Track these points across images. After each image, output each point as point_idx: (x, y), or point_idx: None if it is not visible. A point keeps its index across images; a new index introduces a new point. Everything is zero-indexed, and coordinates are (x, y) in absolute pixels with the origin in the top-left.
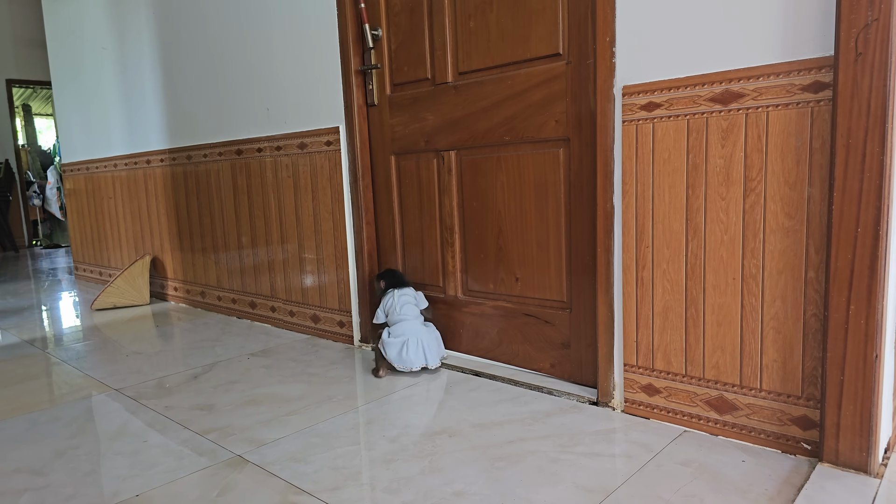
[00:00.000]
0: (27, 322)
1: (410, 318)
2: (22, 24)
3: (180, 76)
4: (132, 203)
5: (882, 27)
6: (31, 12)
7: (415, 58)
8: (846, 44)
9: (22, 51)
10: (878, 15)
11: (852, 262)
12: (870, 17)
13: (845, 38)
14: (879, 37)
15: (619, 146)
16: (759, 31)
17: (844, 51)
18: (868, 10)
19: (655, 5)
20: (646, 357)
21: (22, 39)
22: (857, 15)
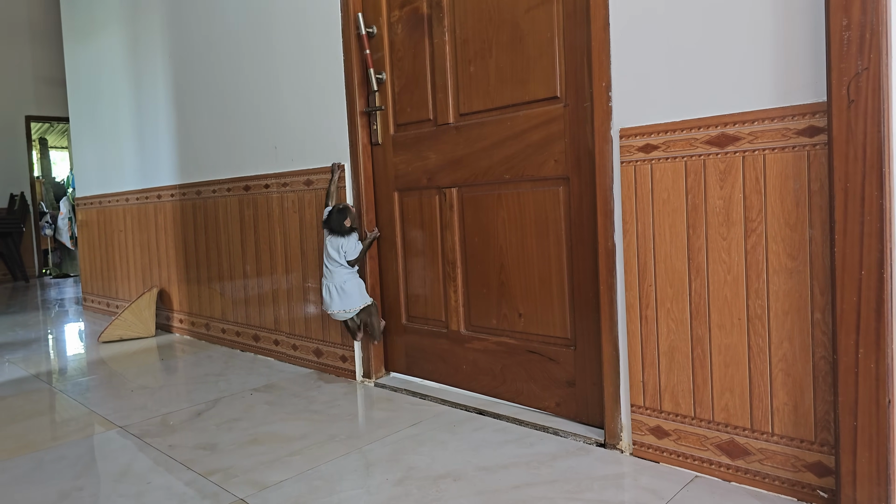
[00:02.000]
0: (35, 355)
1: (331, 266)
2: (43, 64)
3: (192, 115)
4: (142, 236)
5: (873, 76)
6: (51, 53)
7: (417, 100)
8: (838, 91)
9: (42, 89)
10: (868, 64)
11: (858, 304)
12: (860, 67)
13: (837, 85)
14: (871, 85)
15: (619, 186)
16: (752, 77)
17: (837, 98)
18: (858, 59)
19: (650, 52)
20: (653, 398)
21: (42, 78)
22: (848, 64)
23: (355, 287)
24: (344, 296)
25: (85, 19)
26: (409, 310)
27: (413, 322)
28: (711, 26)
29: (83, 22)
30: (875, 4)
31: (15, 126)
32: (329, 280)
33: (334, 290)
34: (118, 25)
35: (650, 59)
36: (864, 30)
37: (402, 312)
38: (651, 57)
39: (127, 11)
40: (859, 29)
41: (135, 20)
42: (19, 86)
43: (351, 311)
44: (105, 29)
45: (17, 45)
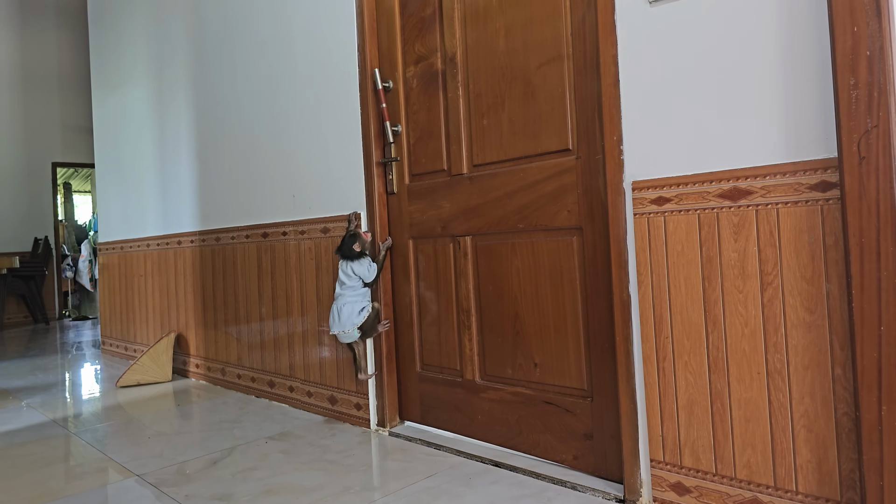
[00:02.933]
0: (53, 399)
1: (339, 289)
2: (70, 112)
3: (214, 164)
4: (161, 280)
5: (882, 133)
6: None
7: (432, 151)
8: (849, 148)
9: (68, 136)
10: (878, 122)
11: (879, 360)
12: (869, 124)
13: (847, 142)
14: (881, 142)
15: (632, 237)
16: (763, 132)
17: (847, 154)
18: (867, 117)
19: (661, 107)
20: (673, 453)
21: (69, 126)
22: (857, 122)
23: (347, 311)
24: (341, 317)
25: (113, 71)
26: (424, 358)
27: (428, 370)
28: (722, 82)
29: (112, 73)
30: (882, 64)
31: (41, 172)
32: (335, 302)
33: (336, 311)
34: (145, 78)
35: (661, 114)
36: (872, 88)
37: (416, 360)
38: (662, 111)
39: (153, 65)
40: (867, 88)
41: (161, 73)
42: (47, 133)
43: (343, 333)
44: (132, 81)
45: (46, 94)
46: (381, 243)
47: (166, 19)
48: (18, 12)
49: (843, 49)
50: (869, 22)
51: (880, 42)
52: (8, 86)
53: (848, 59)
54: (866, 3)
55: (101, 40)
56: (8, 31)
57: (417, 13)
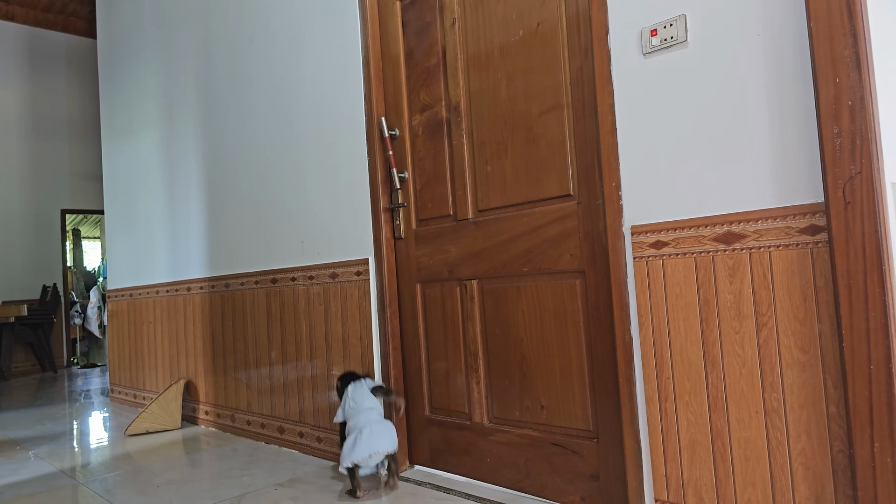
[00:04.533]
0: (61, 449)
1: (364, 407)
2: (78, 160)
3: (223, 211)
4: (170, 327)
5: (866, 179)
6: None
7: (438, 197)
8: (834, 193)
9: (77, 183)
10: (861, 168)
11: (870, 399)
12: (853, 171)
13: (833, 188)
14: (864, 187)
15: (633, 280)
16: (754, 177)
17: (833, 200)
18: (850, 164)
19: (657, 154)
20: (676, 492)
21: (78, 173)
22: (841, 168)
23: (387, 430)
24: (381, 438)
25: (123, 119)
26: (433, 401)
27: (436, 414)
28: (714, 130)
29: (121, 122)
30: (863, 113)
31: (51, 219)
32: (358, 426)
33: (368, 434)
34: (154, 126)
35: (658, 161)
36: (855, 137)
37: (425, 404)
38: (658, 159)
39: (162, 113)
40: (850, 136)
41: (170, 122)
42: (56, 180)
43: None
44: (142, 129)
45: (55, 141)
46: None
47: (176, 69)
48: (28, 60)
49: (826, 99)
50: (850, 73)
51: (861, 92)
52: (18, 133)
53: (831, 109)
54: (847, 55)
55: (111, 89)
56: (18, 79)
57: (422, 63)
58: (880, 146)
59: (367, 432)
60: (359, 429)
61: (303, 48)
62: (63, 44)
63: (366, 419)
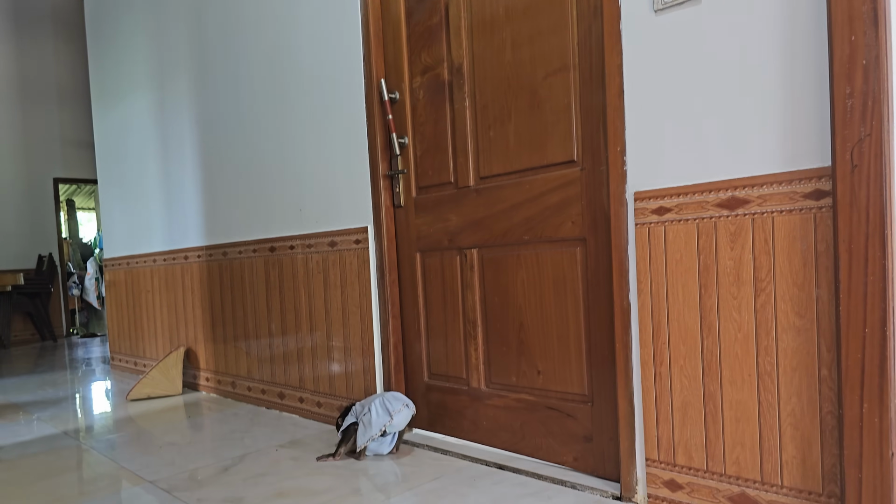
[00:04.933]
0: (63, 413)
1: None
2: (70, 127)
3: (219, 178)
4: (169, 296)
5: (875, 141)
6: (78, 116)
7: (438, 163)
8: (842, 156)
9: (69, 151)
10: (871, 130)
11: (862, 361)
12: (862, 133)
13: (841, 151)
14: (873, 150)
15: (633, 247)
16: (761, 143)
17: (841, 163)
18: (860, 125)
19: (663, 118)
20: (667, 452)
21: (70, 141)
22: (851, 130)
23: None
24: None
25: (113, 83)
26: (431, 367)
27: (435, 379)
28: (722, 94)
29: (111, 85)
30: (877, 73)
31: (43, 188)
32: (366, 404)
33: (378, 405)
34: (145, 89)
35: (664, 125)
36: (867, 97)
37: (424, 370)
38: (664, 123)
39: (154, 75)
40: (862, 97)
41: (162, 84)
42: (47, 148)
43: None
44: (133, 93)
45: (45, 108)
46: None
47: (167, 28)
48: (13, 22)
49: (840, 58)
50: (866, 31)
51: (876, 51)
52: (5, 99)
53: (845, 69)
54: (864, 11)
55: (100, 50)
56: (3, 41)
57: (424, 22)
58: (892, 108)
59: (378, 404)
60: (368, 404)
61: (299, 5)
62: (49, 2)
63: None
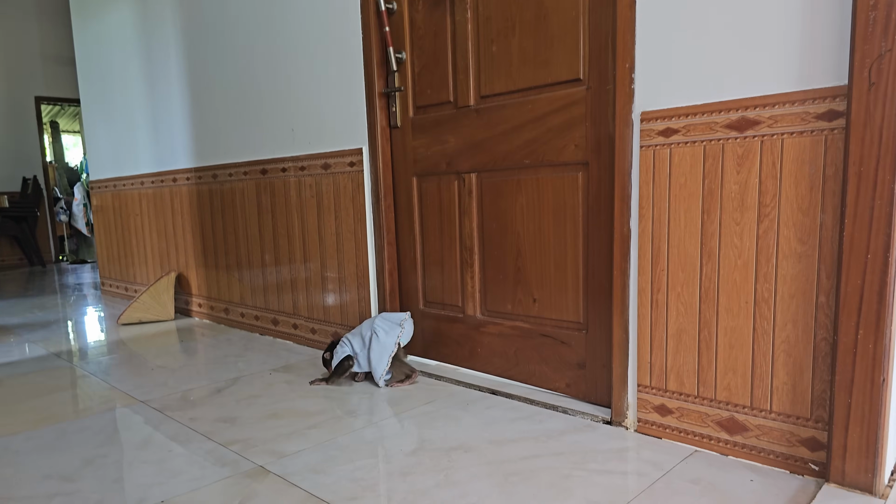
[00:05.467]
0: (54, 335)
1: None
2: (51, 42)
3: (207, 95)
4: (158, 220)
5: (895, 57)
6: (59, 29)
7: (437, 81)
8: (860, 73)
9: (50, 68)
10: (892, 45)
11: (862, 287)
12: (883, 48)
13: (859, 67)
14: (892, 67)
15: (637, 171)
16: (776, 60)
17: (858, 80)
18: (882, 40)
19: (675, 33)
20: (659, 378)
21: (50, 56)
22: (871, 45)
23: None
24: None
25: None
26: (427, 295)
27: (430, 307)
28: (738, 7)
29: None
30: None
31: (24, 107)
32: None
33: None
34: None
35: (675, 40)
36: (891, 10)
37: (419, 298)
38: (676, 37)
39: None
40: (885, 9)
41: None
42: (27, 65)
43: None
44: (114, 3)
45: (22, 21)
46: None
47: None
48: None
49: None
50: None
51: None
52: None
53: None
54: None
55: None
56: None
57: None
58: None
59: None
60: (371, 332)
61: None
62: None
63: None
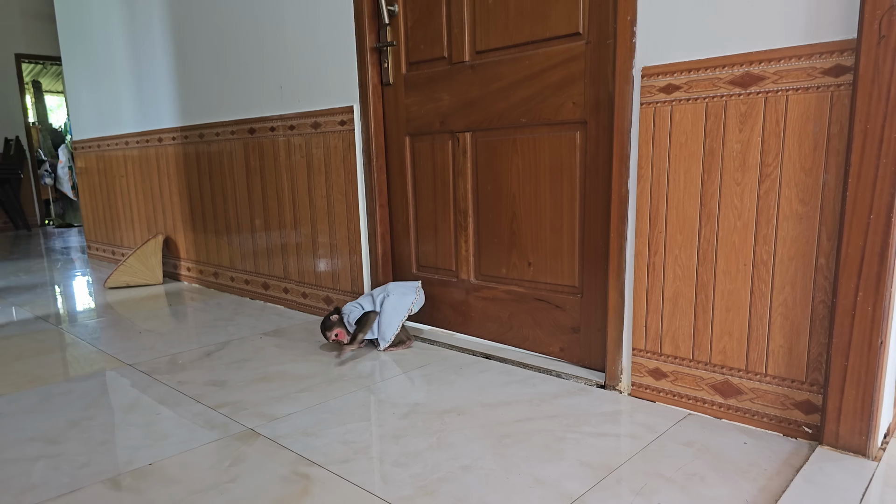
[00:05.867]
0: (40, 298)
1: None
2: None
3: (192, 51)
4: (144, 182)
5: None
6: None
7: (431, 35)
8: (869, 26)
9: (31, 24)
10: None
11: (863, 248)
12: None
13: (869, 20)
14: None
15: (637, 129)
16: (783, 13)
17: (867, 33)
18: None
19: None
20: (654, 342)
21: (31, 12)
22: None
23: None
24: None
25: None
26: (420, 259)
27: (423, 271)
28: None
29: None
30: None
31: (4, 65)
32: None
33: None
34: None
35: None
36: None
37: (412, 262)
38: None
39: None
40: None
41: None
42: (5, 21)
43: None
44: None
45: None
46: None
47: None
48: None
49: None
50: None
51: None
52: None
53: None
54: None
55: None
56: None
57: None
58: None
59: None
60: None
61: None
62: None
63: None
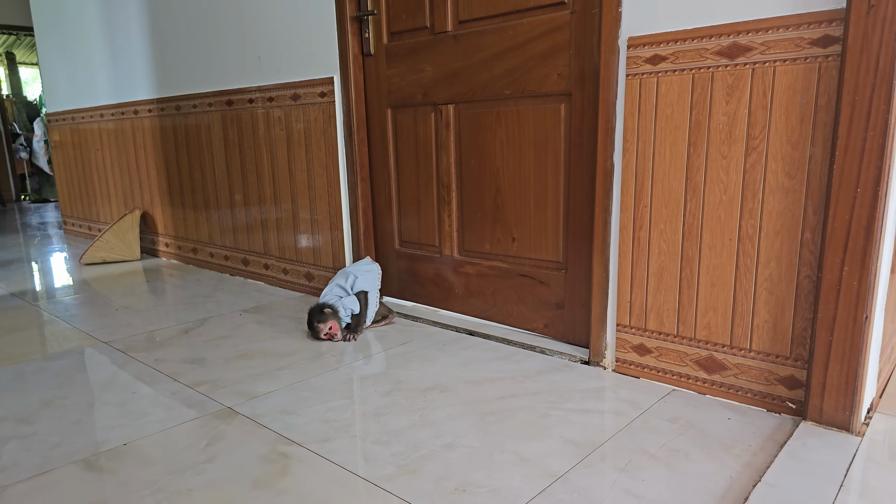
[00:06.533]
0: (14, 275)
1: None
2: None
3: (168, 20)
4: (120, 156)
5: None
6: None
7: (413, 4)
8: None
9: None
10: None
11: (849, 222)
12: None
13: None
14: None
15: (622, 102)
16: None
17: (857, 3)
18: None
19: None
20: (639, 317)
21: None
22: None
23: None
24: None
25: None
26: (402, 235)
27: (406, 247)
28: None
29: None
30: None
31: None
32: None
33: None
34: None
35: None
36: None
37: (395, 238)
38: None
39: None
40: None
41: None
42: None
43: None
44: None
45: None
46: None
47: None
48: None
49: None
50: None
51: None
52: None
53: None
54: None
55: None
56: None
57: None
58: None
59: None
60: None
61: None
62: None
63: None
